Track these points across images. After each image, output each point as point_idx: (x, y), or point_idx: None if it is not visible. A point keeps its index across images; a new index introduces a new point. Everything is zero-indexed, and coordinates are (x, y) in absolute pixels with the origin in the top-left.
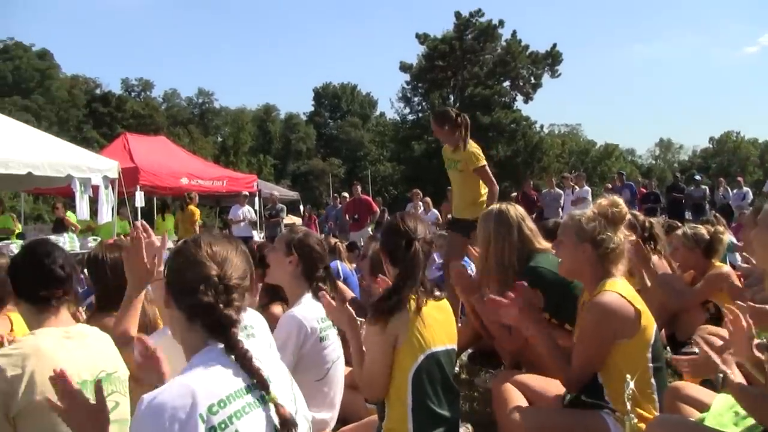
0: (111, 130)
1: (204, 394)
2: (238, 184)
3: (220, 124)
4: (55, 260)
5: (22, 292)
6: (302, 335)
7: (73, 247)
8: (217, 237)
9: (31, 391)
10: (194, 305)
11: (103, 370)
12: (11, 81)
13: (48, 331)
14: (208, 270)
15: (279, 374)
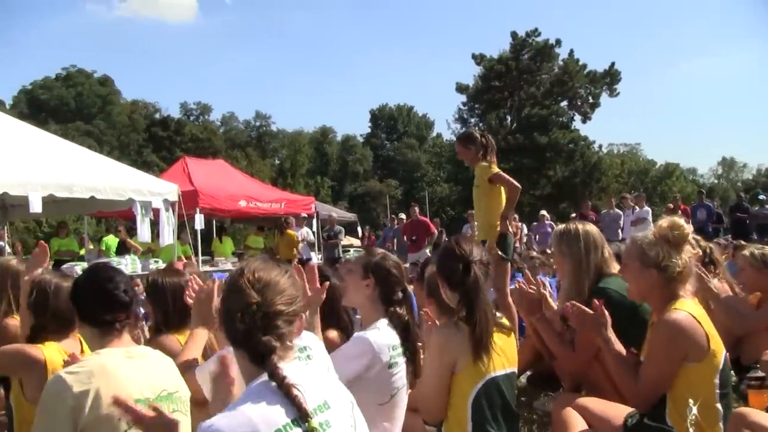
0: (170, 154)
1: (262, 423)
2: (296, 206)
3: (278, 146)
4: (117, 285)
5: (85, 315)
6: (370, 360)
7: (135, 269)
8: (264, 263)
9: (97, 407)
10: (231, 333)
11: (165, 389)
12: (74, 107)
13: (111, 351)
14: (248, 297)
15: (338, 398)
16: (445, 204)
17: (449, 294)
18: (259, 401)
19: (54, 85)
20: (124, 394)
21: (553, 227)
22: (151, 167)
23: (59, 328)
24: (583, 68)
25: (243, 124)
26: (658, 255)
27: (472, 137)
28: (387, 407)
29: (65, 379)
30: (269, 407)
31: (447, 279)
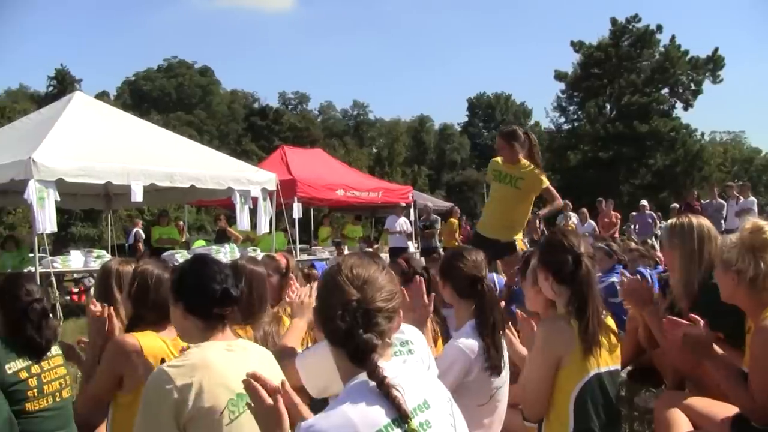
0: (269, 143)
1: (363, 424)
2: (393, 195)
3: (375, 135)
4: (226, 278)
5: (192, 308)
6: (465, 366)
7: (234, 256)
8: (361, 258)
9: (200, 400)
10: (332, 331)
11: None
12: (175, 97)
13: (212, 344)
14: (347, 295)
15: (437, 396)
16: None
17: (556, 288)
18: (359, 401)
19: (156, 76)
20: (225, 387)
21: (653, 217)
22: (250, 156)
23: (158, 319)
24: (684, 54)
25: (341, 113)
26: (736, 259)
27: (516, 134)
28: (487, 407)
29: (168, 373)
30: (369, 407)
31: (555, 273)
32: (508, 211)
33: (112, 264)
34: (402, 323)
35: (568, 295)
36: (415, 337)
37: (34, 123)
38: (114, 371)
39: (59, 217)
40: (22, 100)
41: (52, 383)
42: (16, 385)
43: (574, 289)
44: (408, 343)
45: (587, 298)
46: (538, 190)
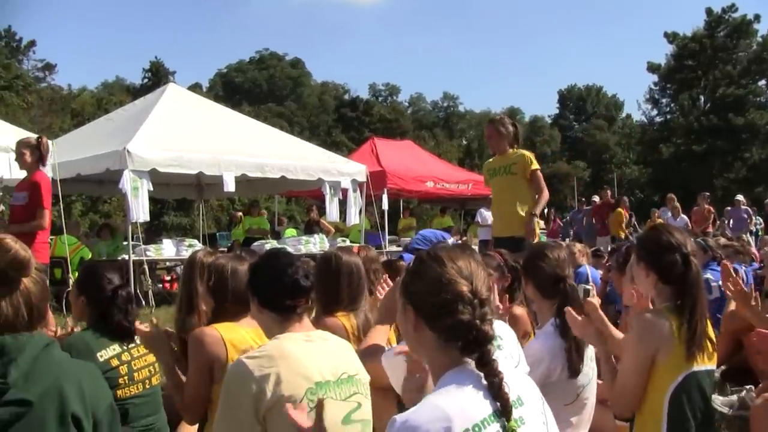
0: (359, 135)
1: (460, 417)
2: (482, 187)
3: (465, 127)
4: (297, 270)
5: (266, 301)
6: (547, 367)
7: (323, 247)
8: (453, 250)
9: (279, 390)
10: (453, 325)
11: (345, 372)
12: (266, 89)
13: (290, 336)
14: (461, 287)
15: (530, 394)
16: (635, 187)
17: (660, 287)
18: (456, 394)
19: (248, 68)
20: (303, 377)
21: (748, 212)
22: (340, 148)
23: (238, 310)
24: None
25: (431, 105)
26: None
27: (505, 123)
28: (574, 406)
29: (247, 365)
30: (468, 400)
31: (662, 272)
32: (512, 200)
33: (198, 255)
34: None
35: (669, 292)
36: (505, 332)
37: (129, 114)
38: (202, 364)
39: (152, 207)
40: (118, 92)
41: (142, 370)
42: (107, 373)
43: (680, 289)
44: (497, 338)
45: (696, 300)
46: (528, 171)
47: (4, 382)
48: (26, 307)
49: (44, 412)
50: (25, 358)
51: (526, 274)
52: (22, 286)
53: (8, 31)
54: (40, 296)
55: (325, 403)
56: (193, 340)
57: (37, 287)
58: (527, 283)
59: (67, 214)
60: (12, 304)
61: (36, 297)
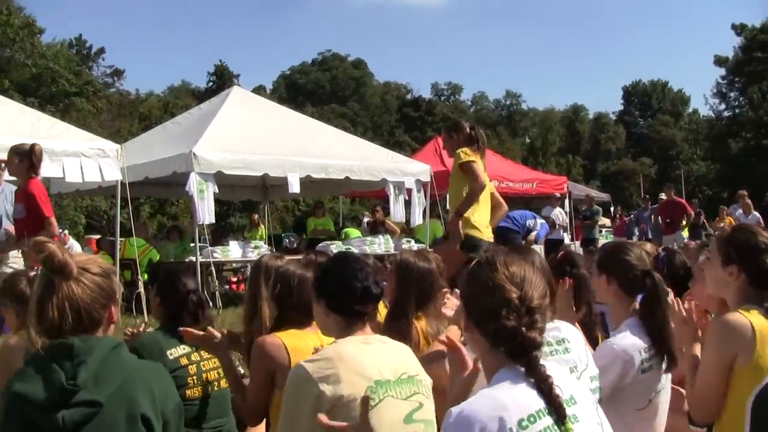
0: (422, 134)
1: (514, 407)
2: (548, 185)
3: (528, 125)
4: (368, 276)
5: (334, 305)
6: (621, 369)
7: (388, 248)
8: (512, 254)
9: (338, 390)
10: (497, 330)
11: (405, 372)
12: (329, 90)
13: (349, 339)
14: (508, 293)
15: (584, 395)
16: (702, 183)
17: (747, 289)
18: (511, 387)
19: (310, 69)
20: (362, 376)
21: None
22: (403, 147)
23: (302, 318)
24: None
25: (493, 104)
26: None
27: (459, 126)
28: (646, 411)
29: (306, 368)
30: (521, 394)
31: (755, 274)
32: (456, 203)
33: (264, 259)
34: (557, 320)
35: (753, 294)
36: (572, 335)
37: (195, 118)
38: (263, 371)
39: (218, 208)
40: (183, 96)
41: (211, 372)
42: (176, 371)
43: None
44: (564, 341)
45: None
46: (457, 164)
47: (73, 383)
48: (73, 311)
49: (114, 413)
50: (94, 359)
51: (607, 271)
52: (68, 291)
53: (79, 39)
54: (90, 301)
55: (386, 402)
56: (256, 347)
57: (86, 292)
58: (609, 280)
59: (135, 217)
60: (57, 308)
61: (84, 302)
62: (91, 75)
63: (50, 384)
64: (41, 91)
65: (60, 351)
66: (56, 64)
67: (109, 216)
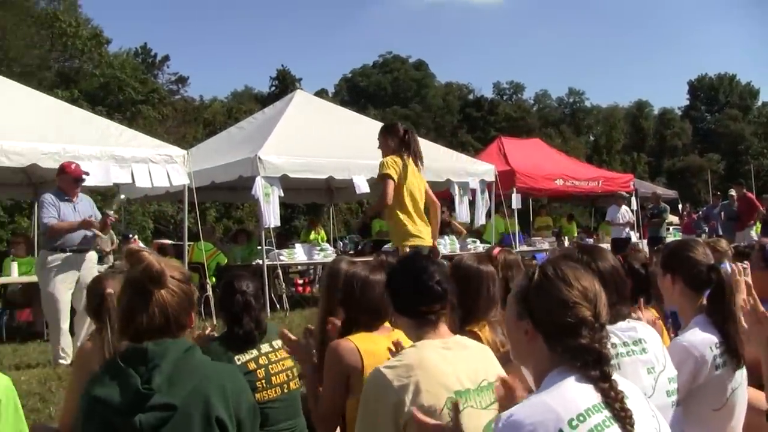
0: (484, 134)
1: (564, 408)
2: (613, 183)
3: (592, 123)
4: (432, 276)
5: (401, 307)
6: (693, 367)
7: (454, 249)
8: (578, 268)
9: (418, 399)
10: (577, 347)
11: (485, 379)
12: (391, 92)
13: (428, 343)
14: (583, 311)
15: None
16: None
17: None
18: (560, 388)
19: (372, 72)
20: (442, 386)
21: None
22: (466, 148)
23: (370, 320)
24: None
25: (556, 102)
26: None
27: (393, 130)
28: (723, 411)
29: (385, 375)
30: (571, 393)
31: None
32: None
33: (335, 264)
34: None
35: None
36: (649, 335)
37: (259, 122)
38: (337, 376)
39: (283, 211)
40: (247, 101)
41: (280, 375)
42: (245, 376)
43: None
44: (641, 341)
45: None
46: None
47: (148, 387)
48: (162, 316)
49: (189, 415)
50: (167, 363)
51: (672, 269)
52: (159, 297)
53: (144, 48)
54: (178, 307)
55: (465, 412)
56: (329, 351)
57: (175, 299)
58: (674, 278)
59: (201, 221)
60: (148, 314)
61: (173, 308)
62: (156, 83)
63: (126, 388)
64: (109, 100)
65: (135, 355)
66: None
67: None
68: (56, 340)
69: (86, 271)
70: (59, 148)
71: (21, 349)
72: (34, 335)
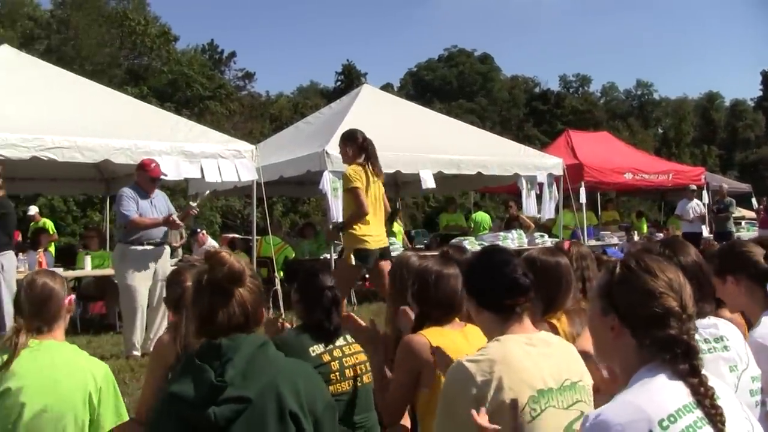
0: (551, 127)
1: (654, 409)
2: (684, 177)
3: (660, 115)
4: (515, 268)
5: (484, 301)
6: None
7: (521, 243)
8: (661, 261)
9: (500, 396)
10: (666, 338)
11: (568, 378)
12: (456, 86)
13: (512, 338)
14: (670, 302)
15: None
16: None
17: None
18: (650, 387)
19: (437, 66)
20: (526, 383)
21: None
22: (532, 141)
23: (442, 315)
24: None
25: (624, 94)
26: None
27: (352, 138)
28: None
29: (468, 368)
30: (661, 392)
31: None
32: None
33: (403, 257)
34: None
35: None
36: (730, 332)
37: (326, 117)
38: (409, 370)
39: None
40: (312, 96)
41: (354, 368)
42: (319, 368)
43: None
44: (722, 339)
45: None
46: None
47: (222, 380)
48: (242, 314)
49: (263, 408)
50: (241, 357)
51: (733, 272)
52: (238, 295)
53: (211, 45)
54: (254, 303)
55: (547, 412)
56: (402, 346)
57: (252, 295)
58: (737, 280)
59: (269, 216)
60: (228, 312)
61: (251, 304)
62: (223, 79)
63: (200, 382)
64: (177, 96)
65: (209, 351)
66: (190, 69)
67: (243, 215)
68: (131, 332)
69: (162, 264)
70: (131, 144)
71: (95, 340)
72: (106, 327)
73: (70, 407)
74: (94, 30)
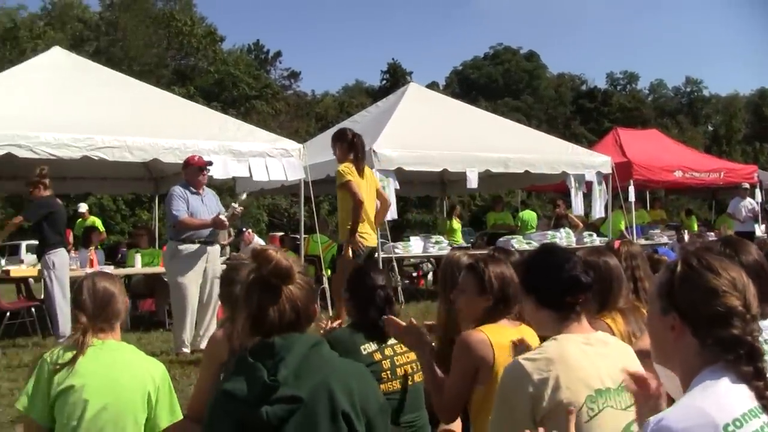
0: (598, 125)
1: (718, 413)
2: (736, 175)
3: (711, 112)
4: (575, 265)
5: (544, 299)
6: None
7: (570, 242)
8: (722, 259)
9: (557, 395)
10: (727, 338)
11: None
12: (502, 84)
13: (569, 337)
14: (734, 301)
15: None
16: None
17: None
18: (714, 390)
19: (482, 64)
20: (583, 383)
21: None
22: (579, 140)
23: (494, 314)
24: None
25: (672, 91)
26: None
27: (342, 136)
28: None
29: (525, 367)
30: (725, 396)
31: None
32: (341, 211)
33: (452, 256)
34: None
35: None
36: None
37: (373, 115)
38: (468, 367)
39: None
40: (358, 95)
41: (405, 366)
42: (370, 366)
43: None
44: None
45: None
46: (337, 184)
47: (274, 379)
48: (293, 311)
49: (316, 408)
50: (293, 356)
51: None
52: (288, 292)
53: (257, 45)
54: (305, 300)
55: (605, 412)
56: (460, 342)
57: (302, 292)
58: None
59: (316, 214)
60: (278, 310)
61: (302, 301)
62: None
63: (253, 381)
64: (223, 96)
65: (263, 350)
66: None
67: (290, 214)
68: (181, 329)
69: (213, 262)
70: (179, 143)
71: (144, 337)
72: (156, 324)
73: (130, 406)
74: (141, 31)
